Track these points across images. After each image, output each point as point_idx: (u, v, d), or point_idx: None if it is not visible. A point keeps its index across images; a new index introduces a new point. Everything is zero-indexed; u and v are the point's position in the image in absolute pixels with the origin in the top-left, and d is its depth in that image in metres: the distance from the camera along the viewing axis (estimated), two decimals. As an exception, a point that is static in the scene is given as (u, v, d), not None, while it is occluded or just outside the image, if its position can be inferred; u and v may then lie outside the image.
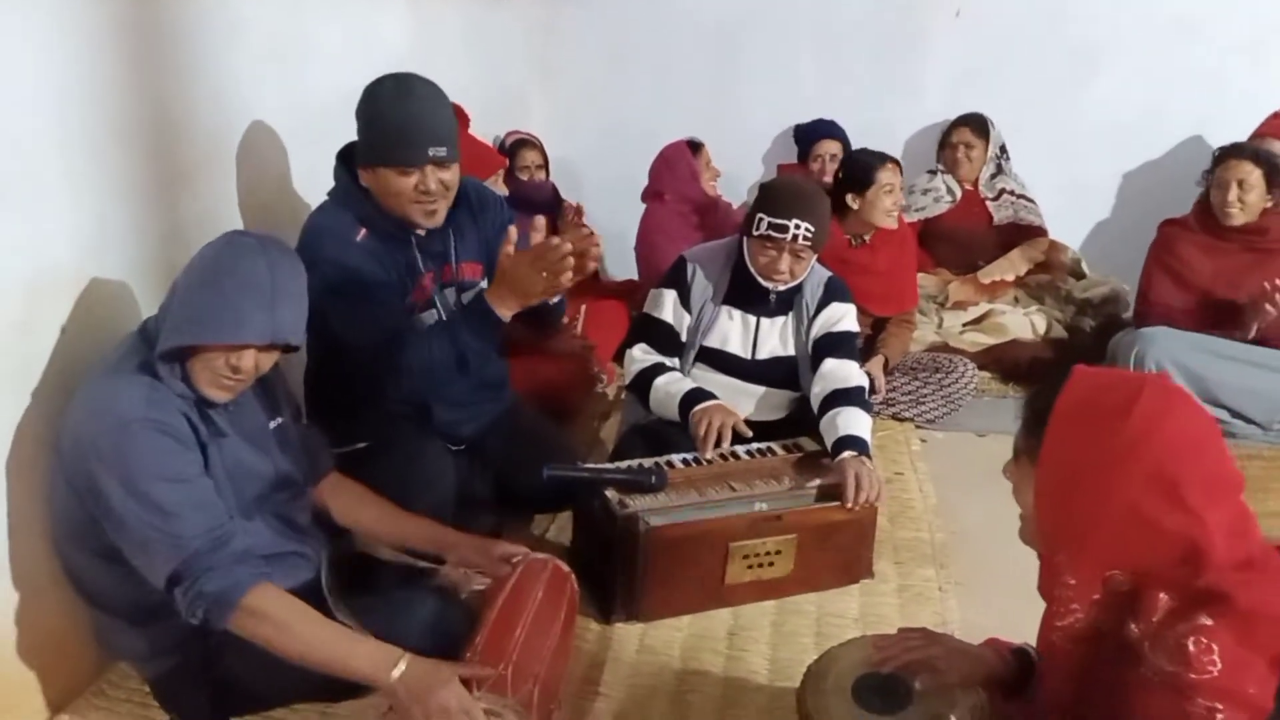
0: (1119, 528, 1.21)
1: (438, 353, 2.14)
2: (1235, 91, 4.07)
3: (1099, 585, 1.24)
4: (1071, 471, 1.24)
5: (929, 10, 4.37)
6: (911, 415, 3.37)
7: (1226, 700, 1.13)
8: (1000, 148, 4.21)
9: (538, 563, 1.92)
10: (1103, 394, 1.25)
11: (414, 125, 2.09)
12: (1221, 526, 1.20)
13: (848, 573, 2.41)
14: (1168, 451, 1.20)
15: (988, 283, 3.97)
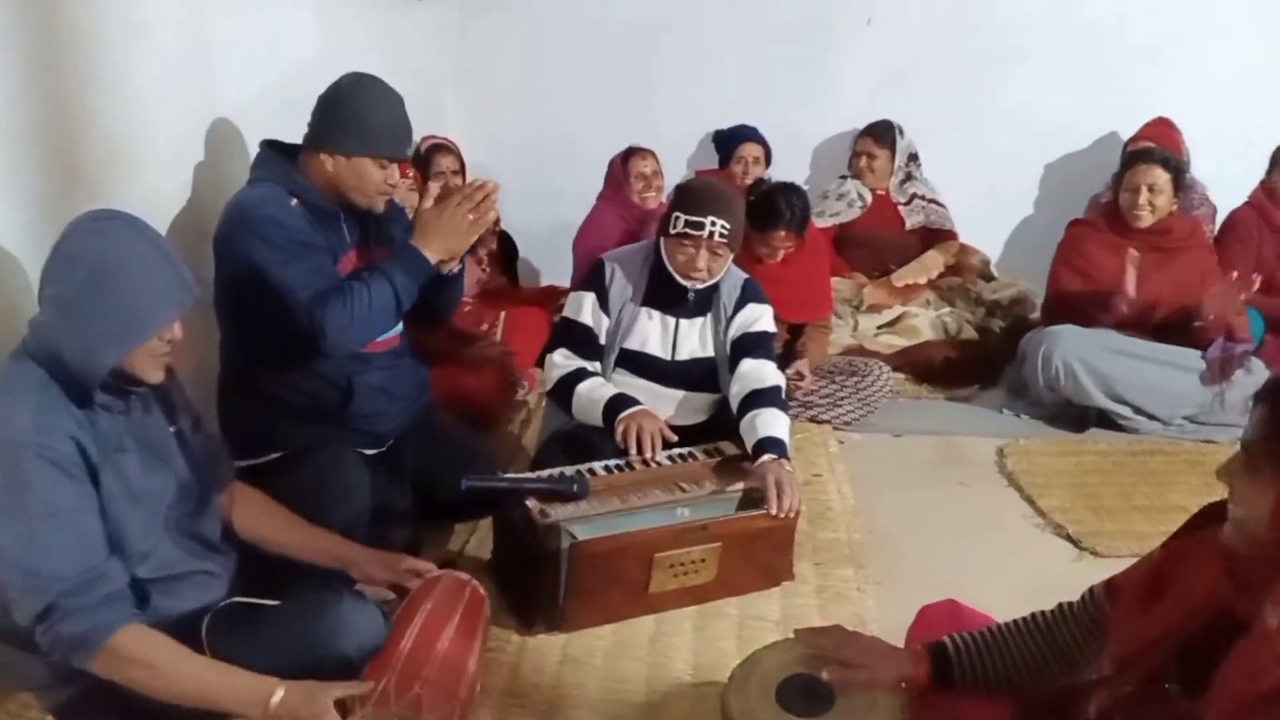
0: None
1: (376, 296, 2.12)
2: (1141, 96, 4.21)
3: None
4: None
5: (842, 18, 4.44)
6: (829, 418, 3.41)
7: None
8: (910, 155, 4.30)
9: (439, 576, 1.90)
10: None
11: (401, 124, 2.24)
12: None
13: (769, 576, 2.43)
14: None
15: (901, 286, 4.05)
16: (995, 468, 3.20)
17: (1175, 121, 4.07)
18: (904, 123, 4.30)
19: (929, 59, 4.36)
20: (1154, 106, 4.10)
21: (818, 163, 4.61)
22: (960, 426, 3.47)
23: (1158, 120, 4.10)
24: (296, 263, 2.12)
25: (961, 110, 4.38)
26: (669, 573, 2.26)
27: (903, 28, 4.37)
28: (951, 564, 2.61)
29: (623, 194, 3.87)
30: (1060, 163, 4.51)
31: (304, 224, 2.18)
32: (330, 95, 2.22)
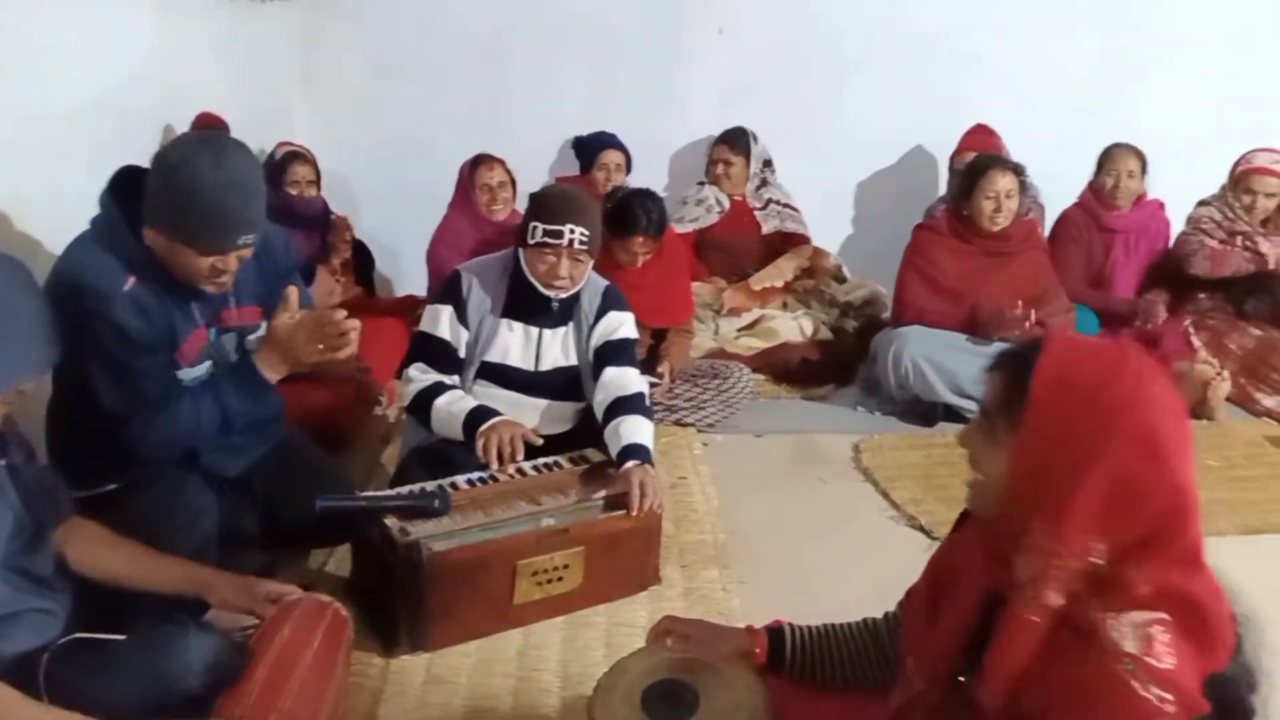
0: (1104, 497, 1.17)
1: (204, 418, 2.03)
2: (968, 104, 4.41)
3: (1079, 555, 1.18)
4: (1057, 438, 1.20)
5: (693, 27, 4.52)
6: (693, 421, 3.46)
7: (1176, 693, 1.13)
8: (765, 161, 4.40)
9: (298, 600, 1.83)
10: (1087, 361, 1.24)
11: (230, 214, 1.92)
12: (1195, 498, 1.20)
13: (636, 581, 2.43)
14: (1154, 415, 1.19)
15: (759, 289, 4.14)
16: (851, 463, 3.30)
17: (996, 128, 4.28)
18: (757, 129, 4.40)
19: (777, 68, 4.48)
20: (980, 113, 4.31)
21: (676, 169, 4.67)
22: (818, 425, 3.57)
23: (978, 127, 4.30)
24: (119, 374, 1.96)
25: (808, 117, 4.51)
26: (533, 582, 2.24)
27: (751, 37, 4.47)
28: (812, 559, 2.68)
29: (472, 202, 3.83)
30: (899, 166, 4.70)
31: (133, 317, 1.96)
32: (157, 162, 1.95)
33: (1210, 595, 1.19)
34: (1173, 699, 1.12)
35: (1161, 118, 4.33)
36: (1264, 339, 3.87)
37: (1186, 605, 1.16)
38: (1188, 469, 1.20)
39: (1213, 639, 1.17)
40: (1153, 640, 1.14)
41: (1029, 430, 1.22)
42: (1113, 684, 1.13)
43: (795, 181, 4.48)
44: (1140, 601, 1.16)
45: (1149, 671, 1.12)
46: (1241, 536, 2.89)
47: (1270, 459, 3.40)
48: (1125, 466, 1.16)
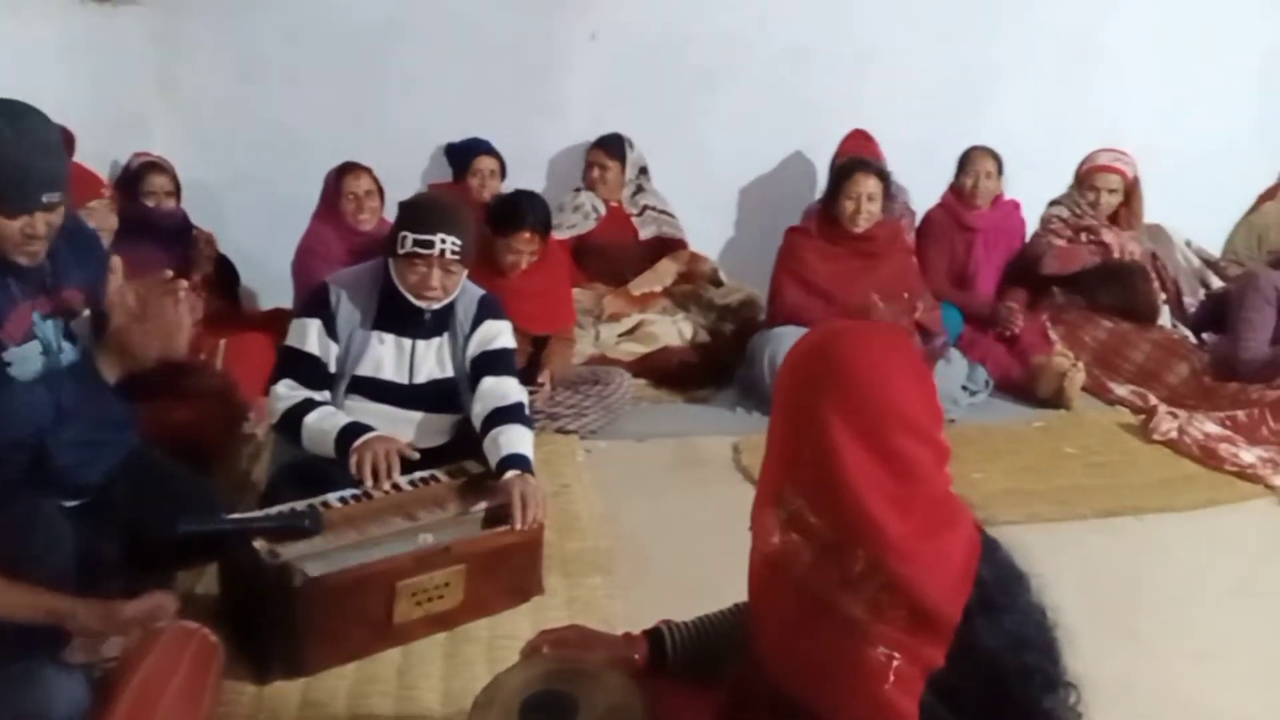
0: (781, 452, 1.31)
1: (37, 399, 1.93)
2: (838, 111, 4.53)
3: (773, 499, 1.31)
4: (781, 404, 1.32)
5: (567, 33, 4.51)
6: (575, 427, 3.45)
7: (902, 650, 1.20)
8: (641, 168, 4.43)
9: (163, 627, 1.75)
10: (816, 333, 1.34)
11: (30, 171, 1.91)
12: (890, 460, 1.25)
13: (519, 593, 2.41)
14: (814, 379, 1.27)
15: (638, 294, 4.17)
16: (732, 464, 3.33)
17: (871, 133, 4.41)
18: (632, 136, 4.43)
19: (649, 74, 4.51)
20: (848, 119, 4.43)
21: (552, 175, 4.66)
22: (699, 427, 3.60)
23: (856, 133, 4.42)
24: None
25: (682, 123, 4.56)
26: (413, 601, 2.19)
27: (624, 44, 4.49)
28: (695, 560, 2.68)
29: (339, 212, 3.74)
30: (775, 171, 4.78)
31: None
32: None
33: (934, 562, 1.24)
34: (900, 655, 1.20)
35: (1013, 122, 4.54)
36: (1115, 331, 4.10)
37: (901, 575, 1.21)
38: (910, 436, 1.25)
39: (925, 611, 1.22)
40: (881, 603, 1.21)
41: (772, 409, 1.36)
42: (846, 647, 1.22)
43: (671, 187, 4.52)
44: (864, 567, 1.22)
45: (878, 633, 1.21)
46: (1099, 519, 3.04)
47: (1123, 445, 3.58)
48: (792, 422, 1.29)
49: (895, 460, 1.25)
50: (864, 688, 1.21)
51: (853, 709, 1.22)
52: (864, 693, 1.21)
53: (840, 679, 1.23)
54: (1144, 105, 4.70)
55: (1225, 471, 3.35)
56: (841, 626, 1.22)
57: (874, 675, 1.20)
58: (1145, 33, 4.78)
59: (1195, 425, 3.55)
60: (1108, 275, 4.14)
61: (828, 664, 1.24)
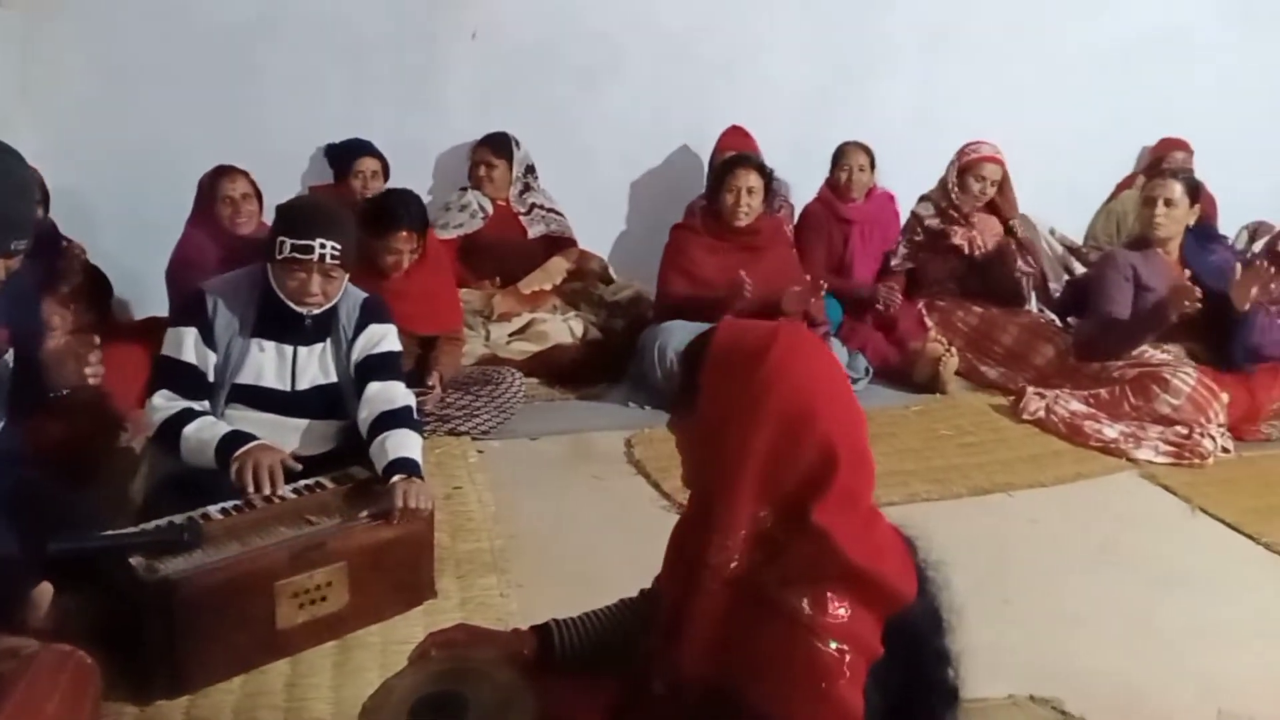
0: (764, 464, 1.27)
1: None
2: (719, 107, 4.63)
3: (748, 523, 1.28)
4: (722, 415, 1.30)
5: (447, 31, 4.48)
6: (467, 429, 3.44)
7: (851, 643, 1.24)
8: (527, 166, 4.43)
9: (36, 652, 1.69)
10: (743, 340, 1.33)
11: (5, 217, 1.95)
12: (853, 452, 1.30)
13: (410, 596, 2.40)
14: (802, 385, 1.29)
15: (528, 293, 4.18)
16: (625, 458, 3.38)
17: (747, 128, 4.50)
18: (518, 134, 4.43)
19: (532, 72, 4.53)
20: (729, 115, 4.52)
21: (438, 175, 4.63)
22: (592, 423, 3.63)
23: (733, 129, 4.52)
24: None
25: (567, 121, 4.59)
26: (295, 604, 2.16)
27: (505, 42, 4.49)
28: (589, 555, 2.72)
29: (214, 216, 3.64)
30: (661, 167, 4.84)
31: None
32: None
33: (876, 545, 1.30)
34: (849, 648, 1.23)
35: (883, 116, 4.71)
36: (986, 316, 4.29)
37: (853, 564, 1.25)
38: (839, 424, 1.30)
39: (882, 587, 1.28)
40: (825, 599, 1.24)
41: (701, 412, 1.33)
42: (795, 645, 1.23)
43: (559, 185, 4.53)
44: (811, 563, 1.26)
45: (825, 627, 1.23)
46: (973, 497, 3.18)
47: (994, 425, 3.76)
48: (778, 431, 1.27)
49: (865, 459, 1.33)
50: (817, 684, 1.22)
51: (802, 705, 1.24)
52: (817, 689, 1.22)
53: (791, 677, 1.24)
54: (1006, 99, 4.91)
55: (1090, 447, 3.54)
56: (788, 624, 1.24)
57: (829, 672, 1.22)
58: (1005, 28, 4.99)
59: (1061, 404, 3.74)
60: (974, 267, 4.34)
61: (777, 662, 1.25)
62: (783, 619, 1.25)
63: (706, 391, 1.32)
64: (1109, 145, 5.17)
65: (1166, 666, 2.32)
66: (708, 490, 1.35)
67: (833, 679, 1.22)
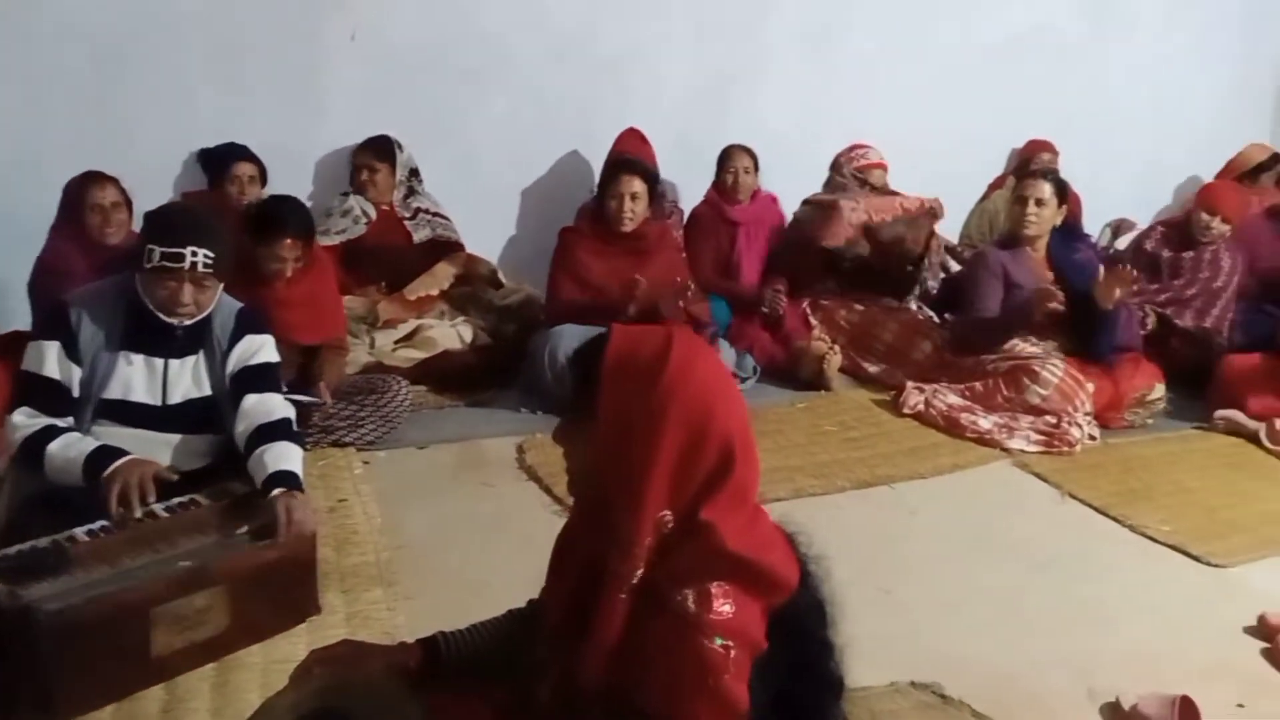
0: (670, 470, 1.28)
1: None
2: (605, 110, 4.65)
3: (651, 529, 1.28)
4: (624, 423, 1.29)
5: (326, 34, 4.38)
6: (352, 439, 3.37)
7: (736, 638, 1.26)
8: (411, 170, 4.37)
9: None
10: (641, 347, 1.33)
11: None
12: (745, 450, 1.32)
13: (292, 613, 2.34)
14: (702, 387, 1.30)
15: (414, 299, 4.12)
16: (516, 464, 3.35)
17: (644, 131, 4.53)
18: (401, 137, 4.36)
19: (415, 74, 4.46)
20: (617, 118, 4.54)
21: (319, 180, 4.51)
22: (482, 430, 3.60)
23: (630, 131, 4.53)
24: None
25: (451, 124, 4.54)
26: (173, 630, 2.08)
27: (386, 44, 4.41)
28: (481, 563, 2.70)
29: (82, 225, 3.49)
30: (549, 172, 4.82)
31: None
32: None
33: (760, 539, 1.33)
34: (734, 643, 1.25)
35: (766, 119, 4.81)
36: (866, 314, 4.41)
37: (739, 558, 1.28)
38: (735, 423, 1.33)
39: (767, 579, 1.31)
40: (710, 595, 1.26)
41: (601, 419, 1.32)
42: (681, 642, 1.25)
43: (444, 189, 4.48)
44: (697, 560, 1.28)
45: (711, 624, 1.25)
46: (856, 490, 3.27)
47: (876, 420, 3.87)
48: (684, 435, 1.28)
49: (754, 456, 1.34)
50: (703, 680, 1.24)
51: (689, 701, 1.26)
52: (703, 686, 1.24)
53: (678, 674, 1.26)
54: (883, 101, 5.06)
55: (966, 438, 3.68)
56: (675, 622, 1.26)
57: (714, 667, 1.24)
58: (881, 32, 5.13)
59: (939, 397, 3.87)
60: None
61: (664, 660, 1.27)
62: (669, 617, 1.27)
63: (606, 400, 1.31)
64: (981, 146, 5.37)
65: (1039, 648, 2.43)
66: (604, 499, 1.34)
67: (718, 675, 1.25)
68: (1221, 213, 4.32)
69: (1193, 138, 5.63)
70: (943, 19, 5.25)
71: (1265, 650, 2.47)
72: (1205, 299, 4.27)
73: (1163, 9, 5.65)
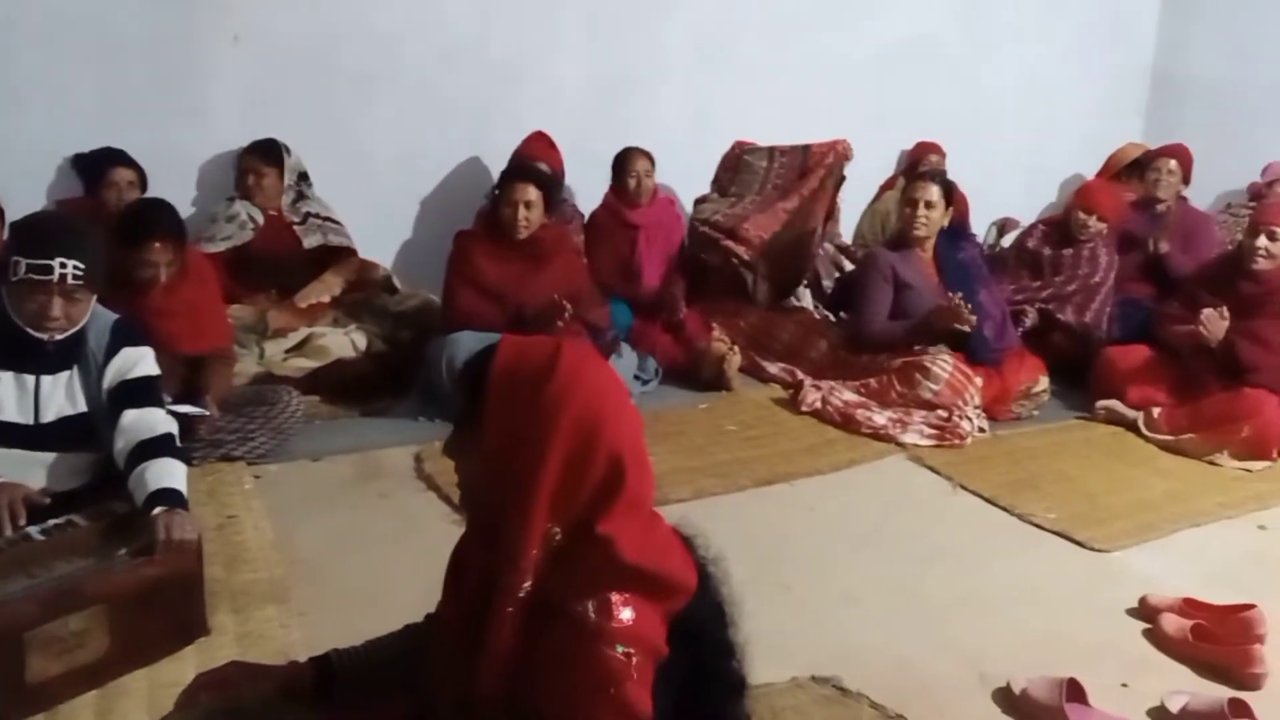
0: (557, 483, 1.27)
1: None
2: (500, 114, 4.62)
3: (540, 542, 1.27)
4: (511, 436, 1.28)
5: (208, 34, 4.23)
6: (241, 453, 3.25)
7: (637, 645, 1.25)
8: (300, 174, 4.26)
9: None
10: (528, 357, 1.31)
11: None
12: (638, 461, 1.31)
13: (179, 635, 2.24)
14: (590, 399, 1.29)
15: (305, 307, 4.00)
16: (414, 474, 3.29)
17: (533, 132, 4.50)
18: (288, 141, 4.24)
19: (301, 77, 4.34)
20: (513, 122, 4.51)
21: (203, 185, 4.36)
22: (378, 440, 3.52)
23: (537, 135, 4.49)
24: None
25: (341, 127, 4.43)
26: (50, 655, 1.98)
27: (270, 46, 4.28)
28: (378, 576, 2.64)
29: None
30: (447, 175, 4.74)
31: None
32: None
33: (658, 547, 1.34)
34: (636, 650, 1.25)
35: (662, 122, 4.84)
36: (765, 315, 4.47)
37: (638, 568, 1.28)
38: (625, 434, 1.32)
39: (666, 584, 1.31)
40: (611, 604, 1.26)
41: (488, 431, 1.31)
42: (583, 652, 1.25)
43: (335, 193, 4.37)
44: (596, 571, 1.28)
45: (612, 633, 1.25)
46: (757, 489, 3.31)
47: (776, 418, 3.92)
48: (571, 448, 1.27)
49: (646, 465, 1.34)
50: (606, 690, 1.24)
51: (592, 711, 1.25)
52: (606, 695, 1.24)
53: (580, 684, 1.25)
54: (776, 105, 5.13)
55: (862, 434, 3.76)
56: (575, 632, 1.25)
57: (617, 676, 1.24)
58: (774, 37, 5.20)
59: (836, 395, 3.95)
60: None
61: (566, 671, 1.26)
62: (570, 627, 1.26)
63: (493, 414, 1.30)
64: (872, 148, 5.45)
65: (933, 636, 2.49)
66: (494, 513, 1.33)
67: (620, 683, 1.25)
68: (1098, 211, 4.51)
69: (1072, 138, 5.86)
70: (832, 27, 5.35)
71: (1147, 631, 2.57)
72: (1085, 295, 4.45)
73: (1034, 18, 5.86)
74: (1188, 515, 3.24)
